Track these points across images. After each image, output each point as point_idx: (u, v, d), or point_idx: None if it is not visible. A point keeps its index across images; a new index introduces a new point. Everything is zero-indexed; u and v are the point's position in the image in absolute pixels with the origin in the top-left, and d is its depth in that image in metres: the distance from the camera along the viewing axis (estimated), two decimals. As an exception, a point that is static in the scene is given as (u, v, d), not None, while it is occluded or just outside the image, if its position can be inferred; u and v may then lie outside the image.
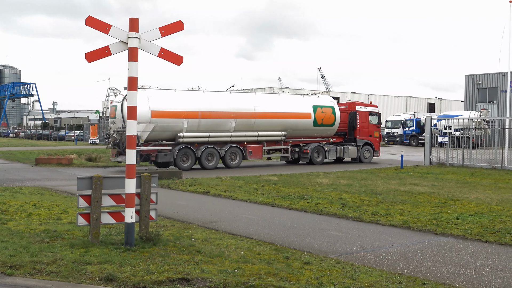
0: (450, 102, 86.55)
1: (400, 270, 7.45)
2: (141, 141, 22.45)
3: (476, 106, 54.24)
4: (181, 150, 23.63)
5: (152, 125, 22.65)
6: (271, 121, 26.08)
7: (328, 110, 27.98)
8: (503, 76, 47.83)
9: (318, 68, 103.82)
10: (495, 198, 14.57)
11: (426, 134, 27.62)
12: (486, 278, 7.12)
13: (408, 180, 19.28)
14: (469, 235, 9.77)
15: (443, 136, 26.87)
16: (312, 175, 20.86)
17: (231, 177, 19.84)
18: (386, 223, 11.00)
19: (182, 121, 23.45)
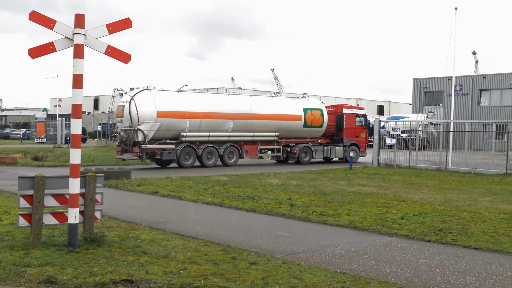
0: (399, 105, 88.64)
1: (345, 270, 7.56)
2: (147, 139, 23.66)
3: (423, 109, 55.74)
4: (183, 149, 24.76)
5: (157, 124, 23.77)
6: (265, 122, 27.39)
7: (317, 113, 29.28)
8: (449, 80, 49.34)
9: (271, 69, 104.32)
10: (439, 199, 14.99)
11: (375, 136, 28.18)
12: (427, 276, 7.31)
13: (356, 180, 19.62)
14: (413, 235, 10.01)
15: (391, 138, 27.48)
16: (263, 175, 20.94)
17: (181, 177, 19.69)
18: (334, 223, 11.14)
19: (185, 121, 24.57)
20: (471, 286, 6.88)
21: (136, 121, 23.69)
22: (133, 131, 23.78)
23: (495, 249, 8.92)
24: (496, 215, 12.24)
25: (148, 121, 23.58)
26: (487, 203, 14.24)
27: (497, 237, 9.86)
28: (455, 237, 9.79)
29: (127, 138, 24.16)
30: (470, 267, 7.79)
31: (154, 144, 24.13)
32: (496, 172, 23.94)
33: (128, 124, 24.11)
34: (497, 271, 7.58)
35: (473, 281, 7.09)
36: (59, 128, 49.30)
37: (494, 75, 53.71)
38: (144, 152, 23.57)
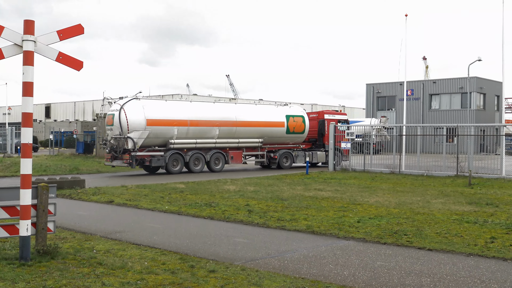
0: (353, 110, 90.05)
1: (304, 274, 7.58)
2: (137, 147, 24.50)
3: (377, 114, 56.80)
4: (172, 156, 25.56)
5: (147, 132, 24.62)
6: (250, 129, 28.25)
7: (298, 119, 30.27)
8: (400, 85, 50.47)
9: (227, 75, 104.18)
10: (393, 201, 15.27)
11: (330, 141, 28.52)
12: (384, 278, 7.41)
13: (313, 185, 19.78)
14: (369, 238, 10.15)
15: (346, 143, 27.84)
16: (220, 182, 20.86)
17: (137, 185, 19.41)
18: (291, 228, 11.19)
19: (173, 129, 25.36)
20: (426, 287, 7.02)
21: (126, 129, 24.43)
22: (123, 139, 24.52)
23: (448, 250, 9.13)
24: (449, 216, 12.55)
25: (138, 129, 24.39)
26: (440, 205, 14.60)
27: (450, 238, 10.10)
28: (410, 239, 9.98)
29: (117, 146, 24.86)
30: (425, 268, 7.94)
31: (143, 151, 24.93)
32: (447, 174, 24.59)
33: (118, 132, 24.79)
34: (451, 271, 7.76)
35: (429, 282, 7.23)
36: (9, 137, 47.87)
37: (443, 80, 55.27)
38: (134, 159, 24.39)
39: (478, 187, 19.54)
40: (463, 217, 12.42)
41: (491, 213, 13.23)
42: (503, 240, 9.89)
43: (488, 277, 7.47)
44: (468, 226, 11.36)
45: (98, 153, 40.39)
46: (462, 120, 48.50)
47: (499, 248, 9.18)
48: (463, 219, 12.14)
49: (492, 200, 15.71)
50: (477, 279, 7.39)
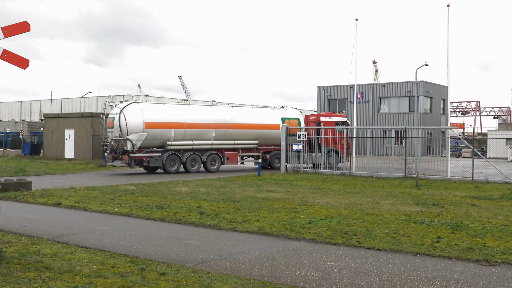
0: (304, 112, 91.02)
1: (255, 276, 7.59)
2: (136, 148, 25.93)
3: (328, 116, 57.49)
4: (169, 156, 26.89)
5: (145, 134, 26.08)
6: (246, 131, 29.24)
7: (294, 122, 31.17)
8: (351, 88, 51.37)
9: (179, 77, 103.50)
10: (344, 203, 15.50)
11: (282, 143, 28.72)
12: (334, 278, 7.51)
13: (265, 187, 19.86)
14: (320, 239, 10.26)
15: (297, 144, 28.09)
16: (172, 183, 20.67)
17: (86, 187, 19.00)
18: (243, 229, 11.19)
19: (170, 131, 26.79)
20: (375, 286, 7.15)
21: (125, 131, 25.87)
22: (123, 141, 26.01)
23: (396, 250, 9.33)
24: (397, 217, 12.84)
25: (136, 131, 25.87)
26: (388, 206, 14.92)
27: (398, 237, 10.33)
28: (360, 239, 10.15)
29: (117, 147, 26.35)
30: (374, 268, 8.09)
31: (141, 152, 26.32)
32: (396, 176, 25.16)
33: (118, 134, 26.24)
34: (399, 271, 7.93)
35: (377, 281, 7.37)
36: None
37: (392, 84, 56.57)
38: (133, 159, 25.83)
39: (425, 188, 20.08)
40: (411, 218, 12.72)
41: (437, 213, 13.61)
42: (448, 239, 10.18)
43: (434, 276, 7.67)
44: (415, 226, 11.64)
45: (45, 154, 39.36)
46: (410, 123, 49.75)
47: (445, 248, 9.45)
48: (410, 220, 12.44)
49: (438, 200, 16.17)
50: (423, 277, 7.58)
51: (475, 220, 12.49)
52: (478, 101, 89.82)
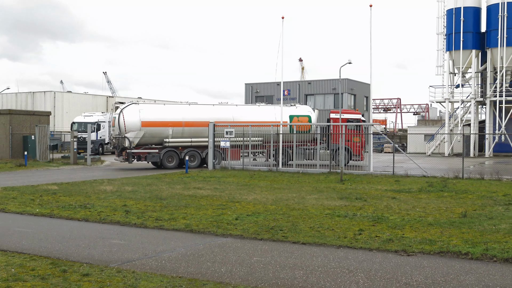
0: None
1: (181, 273, 7.56)
2: (133, 145, 28.05)
3: (255, 113, 57.90)
4: (166, 153, 28.74)
5: (142, 132, 28.17)
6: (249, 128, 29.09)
7: (304, 119, 31.29)
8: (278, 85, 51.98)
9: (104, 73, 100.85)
10: (271, 198, 15.71)
11: (210, 140, 28.67)
12: (260, 273, 7.61)
13: (193, 184, 19.78)
14: (247, 234, 10.35)
15: (225, 141, 28.14)
16: (96, 182, 20.16)
17: (4, 187, 18.19)
18: (170, 227, 11.10)
19: (168, 129, 28.59)
20: (299, 279, 7.31)
21: (123, 130, 28.09)
22: (122, 138, 28.27)
23: (320, 243, 9.57)
24: (321, 211, 13.16)
25: (134, 130, 28.02)
26: (314, 201, 15.26)
27: (322, 231, 10.60)
28: (286, 234, 10.33)
29: (118, 144, 28.87)
30: (299, 262, 8.26)
31: (140, 148, 28.34)
32: (321, 171, 25.75)
33: (118, 132, 28.60)
34: (322, 263, 8.15)
35: (301, 274, 7.54)
36: None
37: (317, 81, 57.77)
38: (130, 155, 27.96)
39: (349, 183, 20.68)
40: (335, 212, 13.08)
41: (359, 207, 14.06)
42: (369, 231, 10.55)
43: (356, 267, 7.94)
44: (339, 219, 11.98)
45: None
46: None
47: (366, 240, 9.79)
48: (334, 213, 12.79)
49: (361, 194, 16.71)
50: (345, 269, 7.83)
51: (395, 213, 13.01)
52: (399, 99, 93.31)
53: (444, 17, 49.18)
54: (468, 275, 7.52)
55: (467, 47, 46.68)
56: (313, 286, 7.00)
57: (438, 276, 7.48)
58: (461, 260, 8.40)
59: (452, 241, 9.59)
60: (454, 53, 47.29)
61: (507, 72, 45.55)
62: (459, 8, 46.81)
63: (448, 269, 7.83)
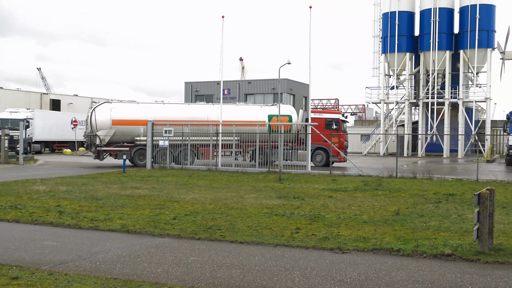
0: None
1: (116, 275, 7.42)
2: (104, 142, 28.59)
3: (195, 112, 57.67)
4: (137, 151, 29.17)
5: (112, 130, 28.70)
6: (223, 128, 28.84)
7: (284, 119, 30.47)
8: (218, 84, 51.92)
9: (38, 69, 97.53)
10: (209, 198, 15.67)
11: (148, 138, 28.29)
12: (197, 273, 7.57)
13: (130, 183, 19.45)
14: (184, 234, 10.28)
15: (164, 140, 27.85)
16: (28, 182, 19.47)
17: None
18: (105, 228, 10.87)
19: (139, 128, 28.78)
20: (236, 278, 7.32)
21: (95, 128, 28.81)
22: (93, 136, 28.95)
23: (258, 242, 9.63)
24: (260, 210, 13.24)
25: (104, 128, 28.60)
26: (252, 200, 15.33)
27: (260, 230, 10.67)
28: (223, 233, 10.33)
29: (90, 141, 29.49)
30: (236, 261, 8.28)
31: (111, 146, 28.81)
32: (260, 170, 25.93)
33: (89, 130, 29.28)
34: (259, 262, 8.20)
35: (238, 273, 7.56)
36: None
37: (257, 81, 58.12)
38: (100, 152, 28.64)
39: (287, 182, 20.92)
40: (273, 210, 13.20)
41: (297, 205, 14.25)
42: (306, 230, 10.71)
43: (292, 265, 8.04)
44: (276, 218, 12.10)
45: None
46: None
47: (303, 238, 9.94)
48: (272, 212, 12.90)
49: (299, 193, 16.94)
50: (282, 267, 7.91)
51: (331, 211, 13.27)
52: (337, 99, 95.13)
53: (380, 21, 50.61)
54: (399, 271, 7.77)
55: (401, 50, 48.20)
56: (250, 285, 7.04)
57: (371, 272, 7.69)
58: (393, 256, 8.67)
59: (385, 239, 9.88)
60: (389, 56, 48.74)
61: (439, 75, 47.37)
62: (394, 12, 48.27)
63: (380, 266, 8.06)
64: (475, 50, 44.88)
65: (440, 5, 46.41)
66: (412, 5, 48.96)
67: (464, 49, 45.71)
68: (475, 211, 8.84)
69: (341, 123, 31.62)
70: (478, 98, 47.09)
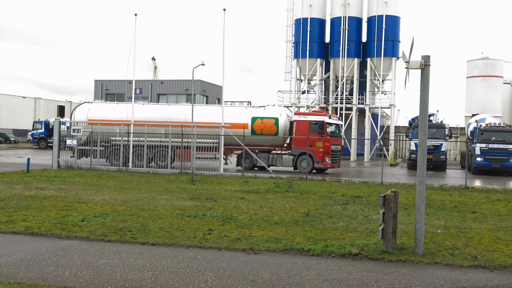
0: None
1: (20, 279, 7.07)
2: (81, 142, 28.07)
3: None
4: (113, 151, 27.99)
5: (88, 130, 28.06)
6: (202, 130, 27.62)
7: (269, 121, 29.11)
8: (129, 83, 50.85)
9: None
10: (120, 199, 15.30)
11: (54, 137, 27.20)
12: (107, 276, 7.37)
13: (35, 184, 18.58)
14: (93, 236, 9.98)
15: (71, 139, 26.88)
16: None
17: None
18: (8, 230, 10.33)
19: (115, 128, 28.11)
20: (148, 281, 7.21)
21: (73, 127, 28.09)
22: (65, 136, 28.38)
23: (170, 244, 9.54)
24: (172, 212, 13.12)
25: (81, 128, 28.06)
26: (164, 201, 15.15)
27: (172, 232, 10.57)
28: (134, 235, 10.13)
29: None
30: (148, 263, 8.15)
31: (88, 146, 27.98)
32: (172, 172, 25.66)
33: None
34: (171, 264, 8.12)
35: (150, 276, 7.45)
36: None
37: (170, 81, 57.53)
38: (77, 152, 27.74)
39: (199, 183, 20.85)
40: (185, 212, 13.12)
41: (210, 207, 14.25)
42: (219, 231, 10.74)
43: (205, 266, 8.03)
44: (189, 220, 12.03)
45: None
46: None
47: (215, 239, 9.96)
48: (185, 214, 12.82)
49: (211, 195, 16.94)
50: (194, 269, 7.88)
51: (244, 213, 13.39)
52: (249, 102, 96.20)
53: (292, 26, 51.72)
54: (309, 271, 7.98)
55: (312, 56, 49.51)
56: (162, 287, 6.96)
57: (282, 272, 7.84)
58: (304, 256, 8.89)
59: (295, 239, 10.11)
60: (301, 61, 49.91)
61: (347, 81, 49.12)
62: (306, 19, 49.52)
63: (291, 266, 8.24)
64: (381, 58, 46.98)
65: (349, 14, 48.15)
66: (323, 12, 50.44)
67: (371, 57, 47.72)
68: (380, 212, 9.26)
69: (326, 126, 28.86)
70: (383, 104, 49.29)
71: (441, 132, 34.83)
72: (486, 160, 30.93)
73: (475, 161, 31.17)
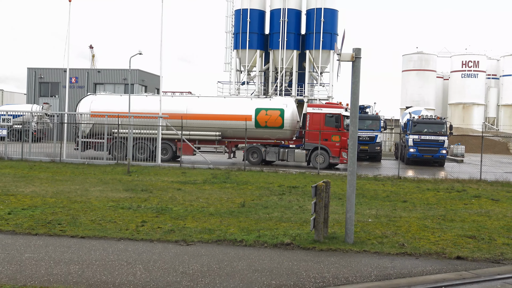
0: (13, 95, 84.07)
1: None
2: (84, 134, 28.04)
3: (39, 100, 54.32)
4: (115, 143, 27.56)
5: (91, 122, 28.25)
6: (203, 122, 27.65)
7: (274, 113, 27.61)
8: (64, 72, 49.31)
9: None
10: (51, 191, 14.84)
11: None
12: (31, 271, 7.13)
13: (-40, 176, 17.73)
14: (20, 230, 9.63)
15: (1, 130, 25.83)
16: None
17: None
18: None
19: (116, 120, 26.60)
20: (74, 275, 7.02)
21: (78, 120, 28.76)
22: (76, 128, 28.95)
23: (101, 236, 9.32)
24: (105, 204, 12.84)
25: (84, 120, 28.59)
26: (98, 193, 14.81)
27: (104, 224, 10.34)
28: (64, 228, 9.85)
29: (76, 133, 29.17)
30: (75, 256, 7.94)
31: (92, 138, 28.08)
32: (108, 163, 25.12)
33: None
34: (100, 257, 7.94)
35: (77, 269, 7.25)
36: None
37: (108, 70, 56.17)
38: (80, 144, 27.33)
39: (136, 174, 20.51)
40: (119, 204, 12.87)
41: (145, 198, 14.04)
42: (152, 223, 10.60)
43: (135, 259, 7.90)
44: (122, 212, 11.81)
45: None
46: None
47: (148, 231, 9.82)
48: (118, 206, 12.57)
49: (147, 186, 16.70)
50: (124, 261, 7.74)
51: (179, 204, 13.28)
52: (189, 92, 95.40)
53: (232, 17, 51.58)
54: (241, 261, 8.00)
55: (252, 47, 49.59)
56: (89, 281, 6.79)
57: (213, 263, 7.82)
58: (236, 247, 8.90)
59: (229, 230, 10.11)
60: (241, 52, 49.89)
61: (287, 73, 49.53)
62: (246, 10, 49.49)
63: (223, 256, 8.23)
64: (320, 51, 47.61)
65: (288, 6, 48.48)
66: (263, 4, 50.54)
67: (310, 50, 48.28)
68: (312, 202, 9.39)
69: (343, 119, 27.12)
70: (321, 96, 50.00)
71: (376, 123, 35.71)
72: (418, 151, 32.00)
73: (408, 152, 32.20)
